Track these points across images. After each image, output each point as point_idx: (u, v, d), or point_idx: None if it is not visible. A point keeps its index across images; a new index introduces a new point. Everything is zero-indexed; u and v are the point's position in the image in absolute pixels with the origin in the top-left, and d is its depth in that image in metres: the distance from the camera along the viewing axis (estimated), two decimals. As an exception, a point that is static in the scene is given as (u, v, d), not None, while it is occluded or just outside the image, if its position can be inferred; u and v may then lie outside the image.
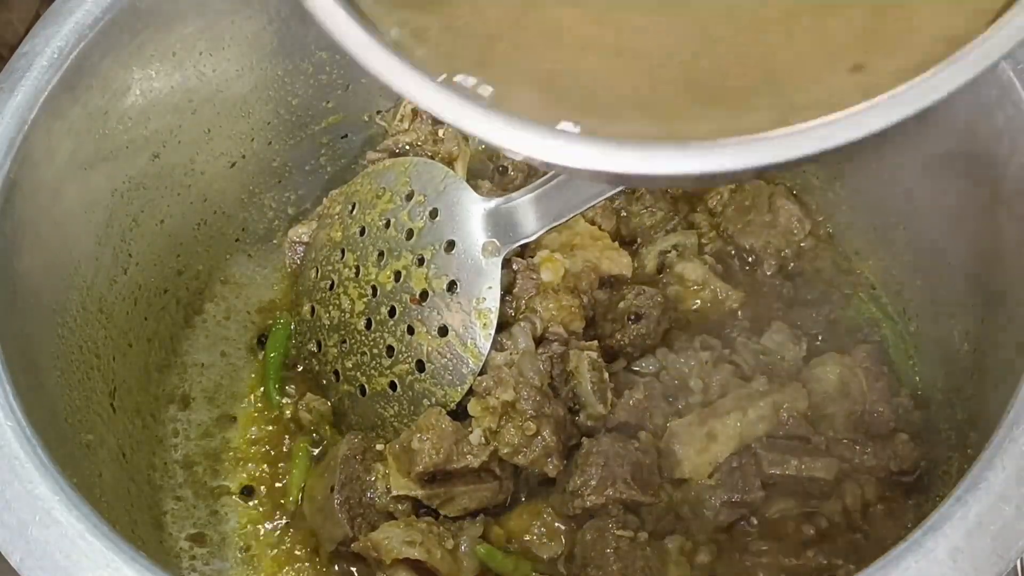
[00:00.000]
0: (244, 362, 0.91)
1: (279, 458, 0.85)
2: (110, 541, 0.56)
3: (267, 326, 0.92)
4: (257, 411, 0.88)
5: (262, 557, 0.81)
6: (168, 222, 0.87)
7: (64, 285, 0.76)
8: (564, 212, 0.78)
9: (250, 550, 0.81)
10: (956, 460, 0.74)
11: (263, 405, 0.88)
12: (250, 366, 0.90)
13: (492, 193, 0.84)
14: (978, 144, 0.73)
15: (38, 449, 0.60)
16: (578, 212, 0.78)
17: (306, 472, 0.83)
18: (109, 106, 0.78)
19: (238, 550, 0.81)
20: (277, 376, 0.88)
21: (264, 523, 0.82)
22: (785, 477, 0.76)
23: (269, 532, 0.82)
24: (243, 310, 0.93)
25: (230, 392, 0.89)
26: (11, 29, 1.05)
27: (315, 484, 0.80)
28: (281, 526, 0.82)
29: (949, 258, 0.80)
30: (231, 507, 0.83)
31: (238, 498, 0.84)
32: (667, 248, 0.90)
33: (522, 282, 0.83)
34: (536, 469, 0.76)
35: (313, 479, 0.81)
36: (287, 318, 0.91)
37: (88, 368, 0.77)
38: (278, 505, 0.83)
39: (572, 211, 0.78)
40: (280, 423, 0.87)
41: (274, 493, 0.84)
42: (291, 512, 0.82)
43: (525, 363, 0.78)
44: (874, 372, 0.80)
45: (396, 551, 0.74)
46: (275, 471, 0.85)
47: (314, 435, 0.85)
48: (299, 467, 0.83)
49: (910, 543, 0.53)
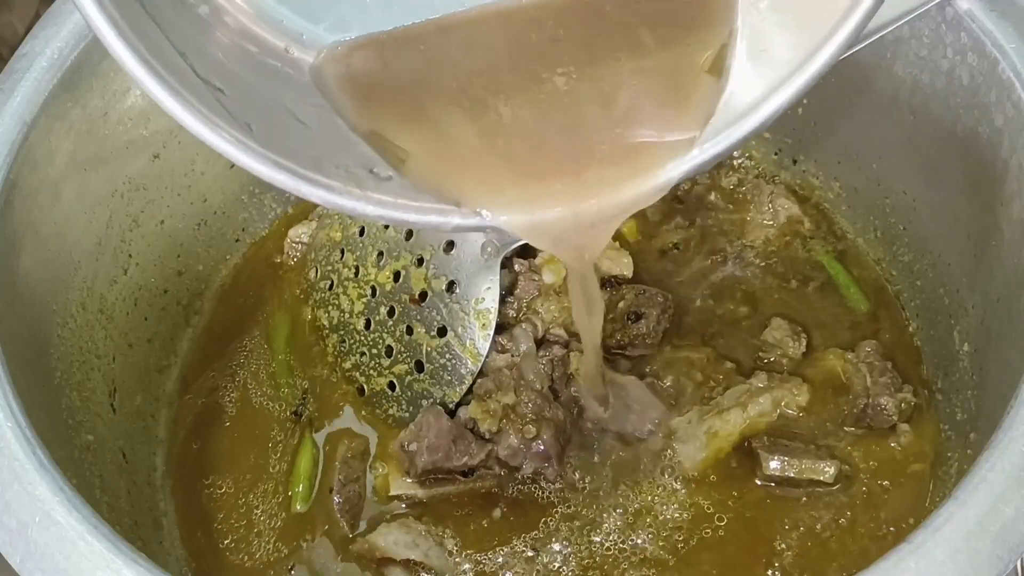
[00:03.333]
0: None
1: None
2: (110, 542, 0.56)
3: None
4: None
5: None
6: (168, 222, 0.87)
7: (64, 285, 0.76)
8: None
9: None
10: (956, 460, 0.74)
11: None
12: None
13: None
14: (978, 144, 0.73)
15: (38, 450, 0.60)
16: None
17: (310, 470, 0.82)
18: (109, 107, 0.78)
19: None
20: (288, 374, 0.88)
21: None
22: (785, 478, 0.76)
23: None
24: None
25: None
26: (11, 29, 1.05)
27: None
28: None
29: (949, 258, 0.80)
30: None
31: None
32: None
33: (524, 284, 0.83)
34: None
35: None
36: (281, 316, 0.91)
37: (88, 368, 0.77)
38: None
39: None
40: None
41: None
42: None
43: (526, 366, 0.78)
44: (878, 367, 0.80)
45: (395, 552, 0.74)
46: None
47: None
48: (304, 463, 0.82)
49: (910, 543, 0.53)
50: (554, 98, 0.57)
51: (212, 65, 0.54)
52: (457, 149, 0.57)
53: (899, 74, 0.79)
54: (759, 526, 0.76)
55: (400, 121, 0.59)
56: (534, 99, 0.57)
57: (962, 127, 0.74)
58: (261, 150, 0.52)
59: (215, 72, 0.54)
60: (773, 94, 0.53)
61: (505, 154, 0.56)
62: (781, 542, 0.75)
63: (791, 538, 0.75)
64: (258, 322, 0.92)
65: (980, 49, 0.71)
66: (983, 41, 0.71)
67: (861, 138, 0.87)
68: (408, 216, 0.56)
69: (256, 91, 0.57)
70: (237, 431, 0.86)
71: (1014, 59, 0.69)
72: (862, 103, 0.84)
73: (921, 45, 0.76)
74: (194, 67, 0.52)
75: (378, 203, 0.55)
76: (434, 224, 0.56)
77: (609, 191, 0.55)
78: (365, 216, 0.55)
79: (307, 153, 0.54)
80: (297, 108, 0.57)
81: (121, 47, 0.49)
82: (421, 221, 0.56)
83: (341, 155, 0.56)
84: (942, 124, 0.76)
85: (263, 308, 0.93)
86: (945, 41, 0.74)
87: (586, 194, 0.55)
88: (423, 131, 0.58)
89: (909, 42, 0.77)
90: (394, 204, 0.55)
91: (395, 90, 0.60)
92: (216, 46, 0.57)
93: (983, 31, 0.71)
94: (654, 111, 0.56)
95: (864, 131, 0.86)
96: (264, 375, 0.88)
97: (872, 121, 0.84)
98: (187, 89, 0.51)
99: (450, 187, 0.56)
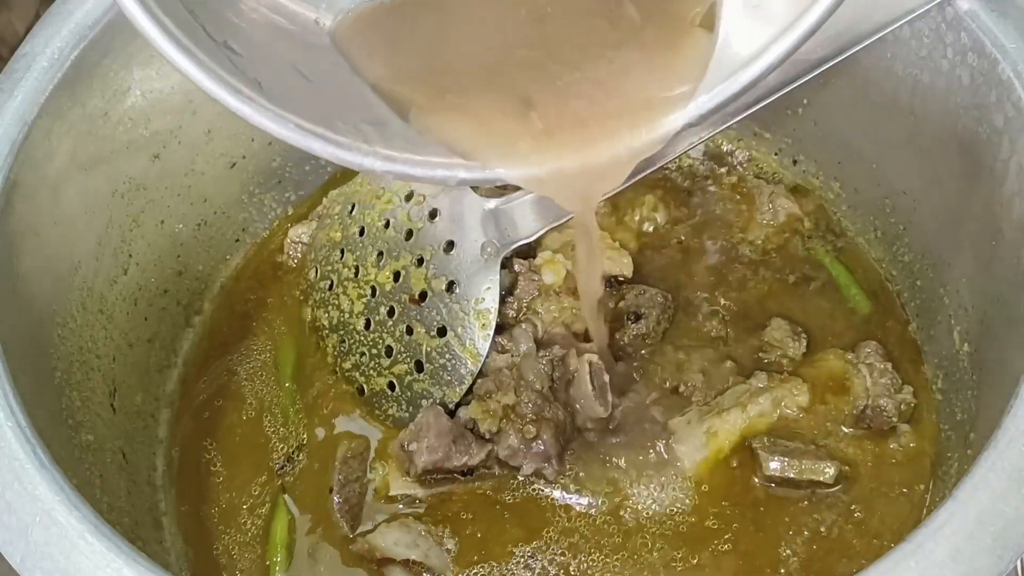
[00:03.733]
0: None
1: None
2: (110, 542, 0.56)
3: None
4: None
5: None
6: (168, 222, 0.87)
7: (64, 285, 0.76)
8: (564, 213, 0.78)
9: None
10: (956, 460, 0.74)
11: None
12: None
13: (491, 193, 0.84)
14: (978, 144, 0.73)
15: (38, 450, 0.60)
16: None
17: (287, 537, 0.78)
18: (109, 107, 0.78)
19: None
20: (293, 401, 0.86)
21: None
22: (785, 479, 0.76)
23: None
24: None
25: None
26: (11, 29, 1.05)
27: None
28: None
29: (949, 258, 0.80)
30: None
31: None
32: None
33: (524, 284, 0.83)
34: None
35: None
36: (287, 342, 0.89)
37: (88, 368, 0.77)
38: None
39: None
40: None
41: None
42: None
43: (526, 366, 0.78)
44: (878, 369, 0.80)
45: (395, 552, 0.74)
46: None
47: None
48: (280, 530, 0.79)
49: (910, 543, 0.53)
50: (557, 56, 0.59)
51: (228, 28, 0.55)
52: (467, 103, 0.59)
53: (899, 74, 0.79)
54: (761, 527, 0.76)
55: (415, 77, 0.60)
56: (537, 57, 0.60)
57: (962, 127, 0.74)
58: (270, 106, 0.53)
59: (231, 35, 0.55)
60: (768, 48, 0.55)
61: (513, 109, 0.58)
62: (784, 546, 0.75)
63: (794, 542, 0.75)
64: (259, 323, 0.92)
65: (980, 49, 0.71)
66: (983, 41, 0.71)
67: (861, 138, 0.87)
68: (415, 171, 0.57)
69: (270, 52, 0.58)
70: (237, 431, 0.86)
71: (1014, 59, 0.69)
72: (862, 103, 0.84)
73: (921, 45, 0.76)
74: (206, 28, 0.53)
75: (386, 158, 0.56)
76: (440, 178, 0.57)
77: (612, 142, 0.58)
78: (373, 171, 0.56)
79: (317, 110, 0.55)
80: (311, 67, 0.58)
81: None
82: (427, 175, 0.57)
83: (352, 111, 0.57)
84: (942, 124, 0.76)
85: (263, 308, 0.93)
86: (945, 41, 0.74)
87: (590, 145, 0.58)
88: (436, 87, 0.60)
89: (909, 42, 0.77)
90: (401, 159, 0.56)
91: (410, 47, 0.62)
92: (235, 13, 0.58)
93: (983, 31, 0.71)
94: (650, 65, 0.59)
95: (864, 131, 0.86)
96: (264, 375, 0.88)
97: (872, 121, 0.84)
98: (200, 47, 0.52)
99: (461, 141, 0.58)
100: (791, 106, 0.92)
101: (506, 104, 0.59)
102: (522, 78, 0.59)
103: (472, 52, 0.61)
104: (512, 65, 0.60)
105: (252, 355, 0.90)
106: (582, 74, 0.59)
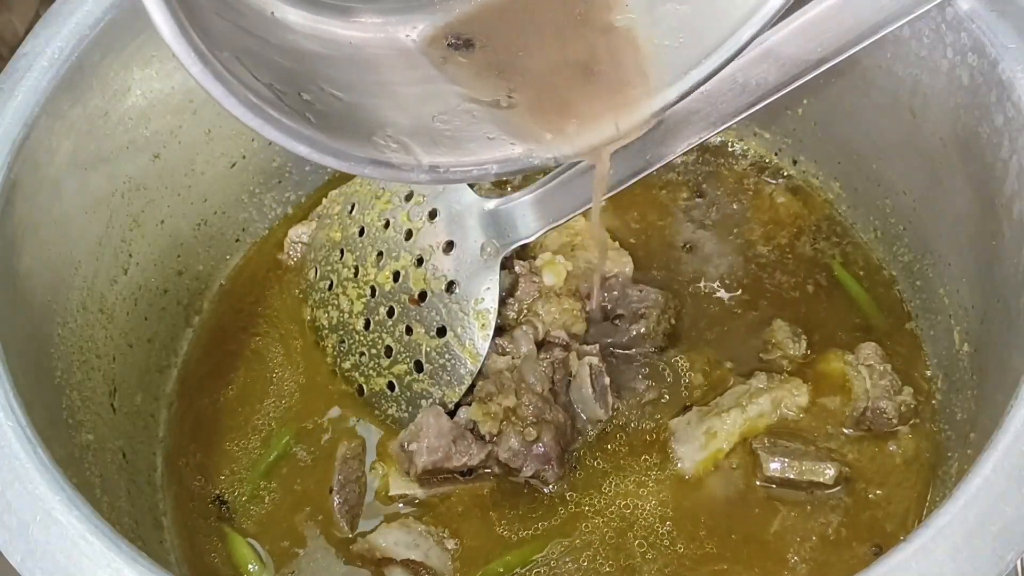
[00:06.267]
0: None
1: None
2: (110, 541, 0.56)
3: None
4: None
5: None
6: (168, 222, 0.87)
7: (64, 285, 0.76)
8: (563, 213, 0.78)
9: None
10: (956, 460, 0.74)
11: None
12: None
13: (491, 193, 0.84)
14: (978, 144, 0.73)
15: (38, 449, 0.60)
16: (578, 213, 0.78)
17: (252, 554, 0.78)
18: (109, 106, 0.78)
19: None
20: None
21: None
22: (785, 480, 0.76)
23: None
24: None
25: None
26: (11, 29, 1.05)
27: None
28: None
29: (949, 258, 0.80)
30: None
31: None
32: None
33: (524, 286, 0.83)
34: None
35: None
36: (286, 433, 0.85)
37: (88, 368, 0.77)
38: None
39: (572, 212, 0.78)
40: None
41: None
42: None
43: (526, 368, 0.78)
44: (878, 370, 0.80)
45: (395, 552, 0.74)
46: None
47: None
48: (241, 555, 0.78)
49: (910, 543, 0.53)
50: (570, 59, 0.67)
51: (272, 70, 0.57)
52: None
53: (899, 74, 0.79)
54: (761, 528, 0.76)
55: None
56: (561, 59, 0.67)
57: (962, 127, 0.74)
58: (330, 142, 0.55)
59: (275, 78, 0.56)
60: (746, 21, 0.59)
61: (555, 102, 0.66)
62: (784, 547, 0.75)
63: (794, 542, 0.75)
64: (259, 323, 0.92)
65: (980, 49, 0.71)
66: (983, 41, 0.71)
67: (861, 138, 0.87)
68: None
69: (303, 79, 0.58)
70: (237, 430, 0.86)
71: (1014, 59, 0.69)
72: (862, 103, 0.84)
73: (921, 45, 0.76)
74: (252, 71, 0.54)
75: (431, 168, 0.60)
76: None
77: (617, 112, 0.65)
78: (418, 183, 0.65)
79: (359, 131, 0.57)
80: (339, 84, 0.60)
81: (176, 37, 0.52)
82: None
83: (397, 115, 0.61)
84: (942, 124, 0.76)
85: (263, 308, 0.93)
86: (945, 41, 0.74)
87: (608, 115, 0.65)
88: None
89: (909, 42, 0.77)
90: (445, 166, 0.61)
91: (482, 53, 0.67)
92: (276, 49, 0.59)
93: (983, 31, 0.71)
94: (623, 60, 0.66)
95: (864, 131, 0.86)
96: (265, 375, 0.88)
97: (872, 121, 0.85)
98: (260, 98, 0.54)
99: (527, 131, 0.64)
100: (791, 106, 0.92)
101: (552, 102, 0.66)
102: (555, 79, 0.66)
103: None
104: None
105: (252, 355, 0.90)
106: (586, 72, 0.65)
